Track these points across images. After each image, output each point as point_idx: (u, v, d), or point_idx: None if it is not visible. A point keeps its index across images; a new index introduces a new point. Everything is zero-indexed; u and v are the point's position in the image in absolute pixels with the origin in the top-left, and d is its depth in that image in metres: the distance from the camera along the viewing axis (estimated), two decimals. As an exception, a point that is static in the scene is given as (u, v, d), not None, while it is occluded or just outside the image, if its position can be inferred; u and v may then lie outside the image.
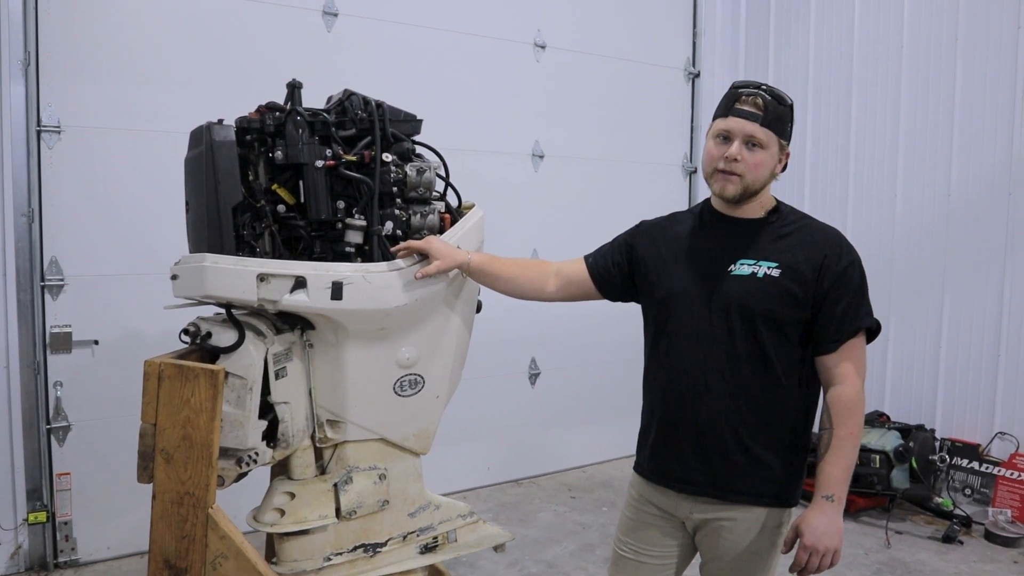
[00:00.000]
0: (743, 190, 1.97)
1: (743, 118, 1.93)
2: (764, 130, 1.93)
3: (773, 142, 1.95)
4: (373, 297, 2.23)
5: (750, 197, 2.00)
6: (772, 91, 1.96)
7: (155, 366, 2.10)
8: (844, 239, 2.00)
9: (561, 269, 2.31)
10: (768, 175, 1.99)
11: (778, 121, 1.95)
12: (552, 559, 3.96)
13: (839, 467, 1.91)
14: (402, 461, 2.55)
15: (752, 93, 1.94)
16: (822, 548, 1.86)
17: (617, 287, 2.24)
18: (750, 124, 1.93)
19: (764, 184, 1.99)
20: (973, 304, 4.58)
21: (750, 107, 1.93)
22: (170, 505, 2.13)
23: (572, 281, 2.29)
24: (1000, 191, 4.42)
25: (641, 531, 2.17)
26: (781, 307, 1.92)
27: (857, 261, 1.98)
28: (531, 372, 5.15)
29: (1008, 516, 4.27)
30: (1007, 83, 4.36)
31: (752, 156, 1.94)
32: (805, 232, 2.00)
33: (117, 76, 3.68)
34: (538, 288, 2.31)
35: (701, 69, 5.73)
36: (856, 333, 1.94)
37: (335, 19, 4.21)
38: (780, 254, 1.96)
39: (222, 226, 2.20)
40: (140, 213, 3.73)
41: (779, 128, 1.95)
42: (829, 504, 1.89)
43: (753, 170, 1.95)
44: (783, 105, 1.96)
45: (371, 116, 2.35)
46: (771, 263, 1.95)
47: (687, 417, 2.02)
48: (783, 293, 1.92)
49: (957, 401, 4.68)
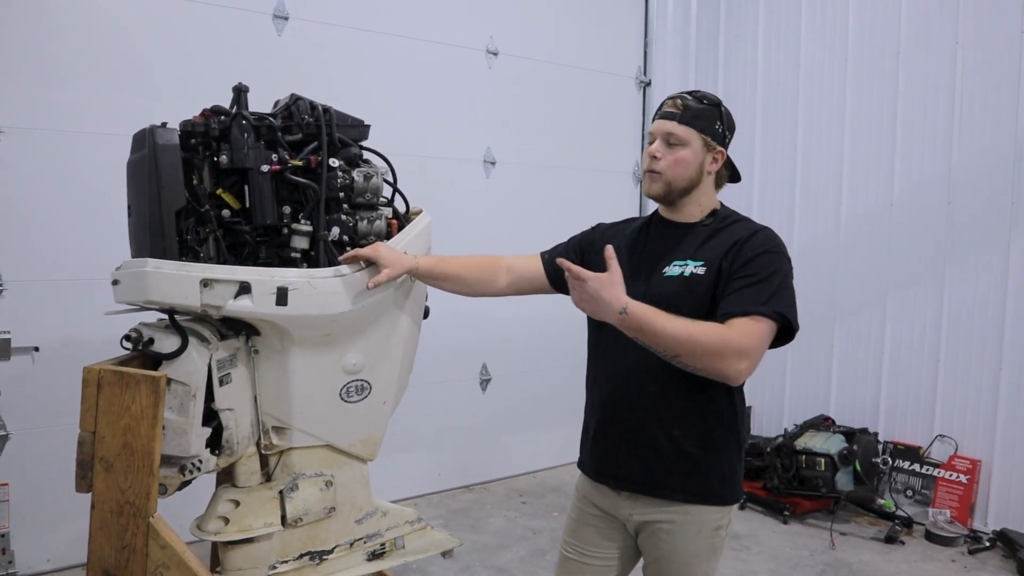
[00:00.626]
0: (666, 186, 2.03)
1: (663, 119, 2.03)
2: (682, 127, 1.99)
3: (694, 138, 2.00)
4: (319, 303, 2.21)
5: (679, 196, 2.04)
6: (695, 93, 2.04)
7: (94, 373, 2.06)
8: (771, 236, 1.98)
9: (513, 265, 2.32)
10: (693, 173, 2.02)
11: (698, 119, 2.00)
12: (503, 565, 3.97)
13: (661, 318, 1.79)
14: (349, 468, 2.53)
15: (675, 96, 2.03)
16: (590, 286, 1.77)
17: None
18: (669, 123, 2.01)
19: (690, 181, 2.03)
20: (914, 310, 4.71)
21: (670, 108, 2.03)
22: (110, 515, 2.08)
23: (525, 277, 2.31)
24: (940, 200, 4.55)
25: (584, 532, 2.20)
26: (706, 305, 1.93)
27: (778, 254, 1.93)
28: (482, 378, 5.15)
29: (947, 516, 4.39)
30: (946, 95, 4.50)
31: (672, 153, 2.00)
32: (734, 229, 2.01)
33: (56, 77, 3.60)
34: (487, 285, 2.32)
35: (652, 78, 5.80)
36: (750, 313, 1.83)
37: (285, 23, 4.17)
38: (707, 252, 1.99)
39: (165, 230, 2.17)
40: (80, 217, 3.65)
41: (700, 125, 2.00)
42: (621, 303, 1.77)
43: (673, 167, 2.01)
44: (704, 103, 2.01)
45: (318, 121, 2.33)
46: (698, 262, 1.98)
47: (621, 416, 2.06)
48: (707, 290, 1.94)
49: (899, 405, 4.81)
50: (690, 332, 1.78)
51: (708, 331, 1.80)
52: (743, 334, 1.81)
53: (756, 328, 1.83)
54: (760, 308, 1.83)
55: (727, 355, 1.79)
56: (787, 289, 1.90)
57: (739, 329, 1.81)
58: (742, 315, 1.83)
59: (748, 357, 1.81)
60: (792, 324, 1.87)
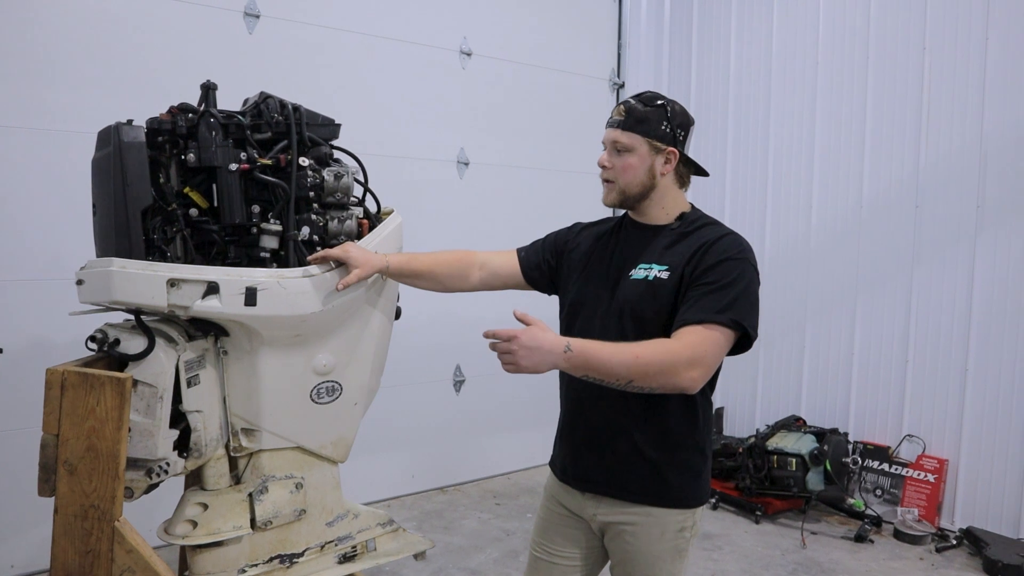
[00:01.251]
0: (620, 194, 2.04)
1: (609, 127, 2.04)
2: (626, 133, 1.99)
3: (639, 143, 1.99)
4: (288, 303, 2.19)
5: (637, 201, 2.04)
6: (642, 95, 2.04)
7: (57, 374, 2.02)
8: (736, 241, 1.95)
9: (488, 261, 2.31)
10: (644, 177, 2.01)
11: (642, 122, 1.98)
12: (476, 566, 3.95)
13: (607, 349, 1.77)
14: (319, 470, 2.51)
15: (621, 103, 2.05)
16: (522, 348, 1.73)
17: (544, 284, 2.29)
18: (614, 131, 2.02)
19: (643, 186, 2.02)
20: (883, 312, 4.76)
21: (615, 115, 2.03)
22: (73, 519, 2.04)
23: (499, 274, 2.30)
24: (908, 203, 4.61)
25: (551, 531, 2.19)
26: (669, 309, 1.93)
27: (742, 260, 1.91)
28: (456, 379, 5.14)
29: (915, 515, 4.44)
30: (914, 100, 4.56)
31: (620, 160, 2.01)
32: (700, 233, 2.00)
33: (22, 73, 3.54)
34: (460, 280, 2.31)
35: (626, 80, 5.83)
36: (707, 322, 1.81)
37: (257, 21, 4.13)
38: (672, 256, 1.98)
39: (130, 230, 2.14)
40: (45, 216, 3.59)
41: (644, 129, 1.98)
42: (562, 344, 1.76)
43: (622, 174, 2.01)
44: (648, 106, 2.00)
45: (287, 119, 2.31)
46: (662, 266, 1.97)
47: (583, 418, 2.08)
48: (669, 294, 1.93)
49: (868, 405, 4.86)
50: (636, 355, 1.76)
51: (655, 349, 1.79)
52: (694, 343, 1.80)
53: (709, 336, 1.81)
54: (716, 316, 1.82)
55: (678, 367, 1.77)
56: (748, 296, 1.88)
57: (689, 338, 1.80)
58: (697, 323, 1.82)
59: (700, 366, 1.79)
60: (749, 333, 1.86)
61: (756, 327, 1.88)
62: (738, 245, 1.94)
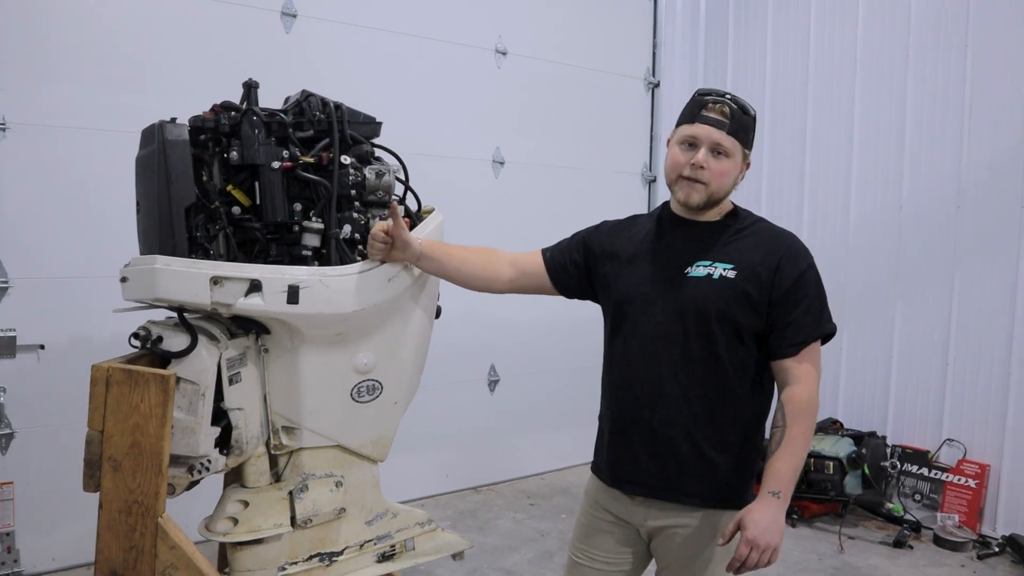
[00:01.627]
0: (708, 198, 1.97)
1: (710, 125, 1.93)
2: (730, 138, 1.93)
3: (738, 151, 1.96)
4: (330, 301, 2.19)
5: (715, 205, 2.01)
6: (737, 100, 1.96)
7: (103, 371, 2.04)
8: (800, 243, 2.00)
9: (516, 260, 2.26)
10: (731, 184, 1.99)
11: (743, 130, 1.95)
12: (511, 567, 3.94)
13: (788, 465, 1.88)
14: (359, 468, 2.51)
15: (718, 101, 1.94)
16: (763, 543, 1.81)
17: (572, 285, 2.21)
18: (717, 132, 1.92)
19: (727, 192, 2.01)
20: (923, 314, 4.68)
21: (717, 115, 1.93)
22: (118, 515, 2.06)
23: (526, 273, 2.24)
24: (949, 204, 4.52)
25: (595, 537, 2.16)
26: (736, 308, 1.92)
27: (813, 266, 1.97)
28: (490, 379, 5.13)
29: (956, 521, 4.36)
30: (956, 98, 4.47)
31: (717, 164, 1.94)
32: (761, 234, 2.00)
33: (66, 73, 3.58)
34: (490, 279, 2.24)
35: (661, 79, 5.78)
36: (817, 338, 1.94)
37: (294, 20, 4.15)
38: (736, 256, 1.96)
39: (174, 227, 2.15)
40: (88, 214, 3.63)
41: (743, 137, 1.96)
42: (775, 500, 1.86)
43: (718, 178, 1.95)
44: (747, 115, 1.97)
45: (329, 117, 2.31)
46: (727, 264, 1.95)
47: (641, 419, 2.01)
48: (738, 294, 1.92)
49: (907, 408, 4.77)
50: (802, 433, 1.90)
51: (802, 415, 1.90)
52: (815, 359, 1.95)
53: (815, 353, 1.96)
54: (815, 333, 1.95)
55: (817, 400, 1.95)
56: (825, 298, 1.99)
57: (811, 356, 1.94)
58: (812, 341, 1.94)
59: (818, 378, 1.96)
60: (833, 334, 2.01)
61: None
62: (805, 248, 2.01)
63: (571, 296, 2.25)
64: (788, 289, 1.92)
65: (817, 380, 1.94)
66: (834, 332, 1.99)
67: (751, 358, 1.97)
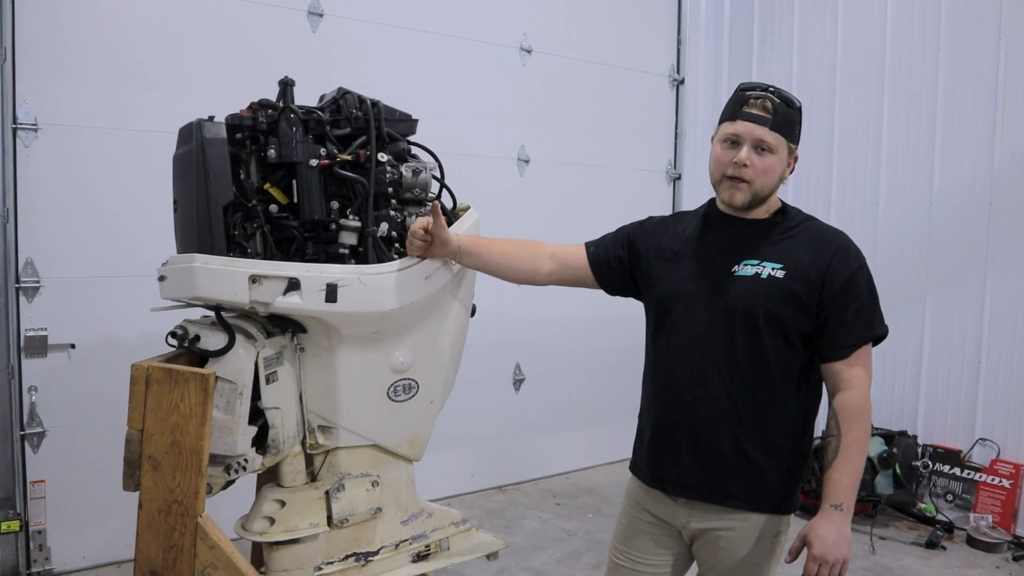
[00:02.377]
0: (752, 197, 1.93)
1: (752, 122, 1.89)
2: (773, 134, 1.88)
3: (782, 146, 1.91)
4: (368, 300, 2.18)
5: (762, 203, 1.97)
6: (780, 93, 1.92)
7: (143, 370, 2.03)
8: (851, 242, 1.96)
9: (557, 252, 2.23)
10: (777, 180, 1.94)
11: (787, 124, 1.91)
12: (539, 566, 3.92)
13: (847, 475, 1.86)
14: (395, 468, 2.50)
15: (760, 96, 1.90)
16: (832, 559, 1.80)
17: (614, 280, 2.18)
18: (759, 128, 1.88)
19: (773, 189, 1.96)
20: (955, 311, 4.61)
21: (759, 110, 1.88)
22: (157, 514, 2.05)
23: (568, 266, 2.21)
24: (981, 200, 4.46)
25: (636, 539, 2.13)
26: (784, 309, 1.88)
27: (865, 266, 1.93)
28: (515, 378, 5.11)
29: (989, 522, 4.30)
30: (988, 92, 4.40)
31: (761, 161, 1.89)
32: (811, 233, 1.96)
33: (96, 73, 3.59)
34: (532, 271, 2.22)
35: (685, 76, 5.74)
36: (869, 340, 1.91)
37: (320, 19, 4.15)
38: (785, 255, 1.92)
39: (212, 226, 2.14)
40: (118, 214, 3.64)
41: (788, 132, 1.91)
42: (838, 513, 1.83)
43: (762, 175, 1.90)
44: (792, 108, 1.92)
45: (366, 115, 2.30)
46: (775, 264, 1.91)
47: (684, 419, 1.98)
48: (787, 295, 1.88)
49: (939, 407, 4.71)
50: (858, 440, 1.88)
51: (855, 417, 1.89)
52: (866, 362, 1.92)
53: (867, 355, 1.93)
54: (867, 335, 1.92)
55: (870, 404, 1.93)
56: (878, 299, 1.96)
57: (862, 359, 1.91)
58: (864, 344, 1.91)
59: (870, 384, 1.94)
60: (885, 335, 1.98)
61: None
62: (856, 247, 1.97)
63: (613, 292, 2.22)
64: (839, 290, 1.88)
65: (869, 384, 1.91)
66: (886, 334, 1.96)
67: (797, 360, 1.93)
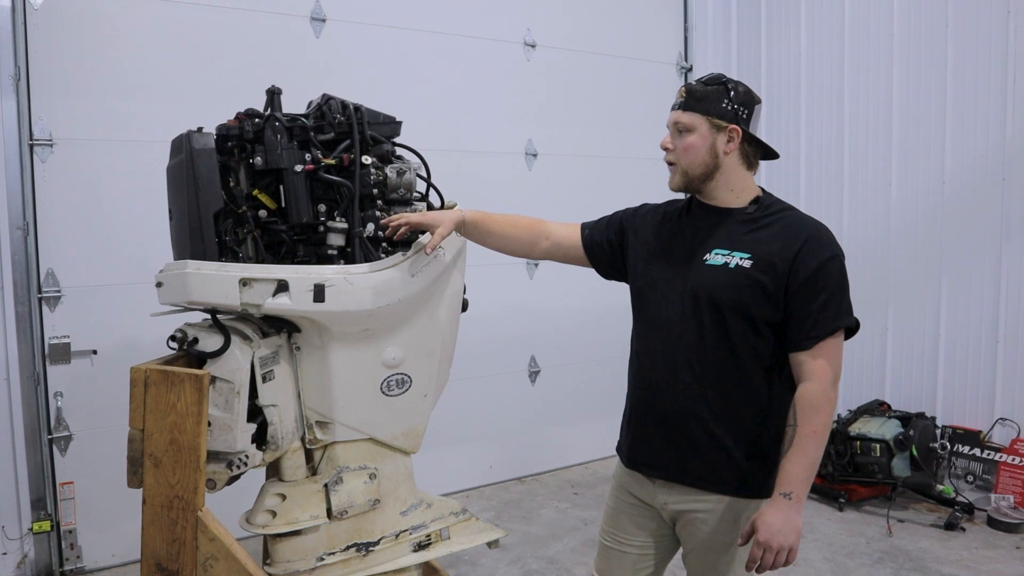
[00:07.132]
0: (683, 176, 2.02)
1: (672, 111, 2.03)
2: (687, 114, 1.98)
3: (699, 121, 1.97)
4: (355, 298, 2.25)
5: (702, 183, 2.01)
6: (705, 76, 2.03)
7: (141, 372, 2.13)
8: (825, 233, 1.96)
9: (554, 232, 2.30)
10: (707, 157, 1.98)
11: (702, 101, 1.97)
12: (554, 555, 3.98)
13: (800, 465, 1.87)
14: (392, 460, 2.57)
15: (683, 86, 2.05)
16: (775, 545, 1.82)
17: (605, 263, 2.26)
18: (675, 113, 2.02)
19: (706, 167, 1.99)
20: (971, 291, 4.57)
21: (676, 98, 2.02)
22: (160, 509, 2.16)
23: (562, 246, 2.29)
24: (994, 177, 4.41)
25: (621, 520, 2.19)
26: (750, 297, 1.91)
27: (838, 256, 1.93)
28: (531, 370, 5.16)
29: (1010, 502, 4.26)
30: (998, 69, 4.35)
31: (680, 141, 2.00)
32: (784, 223, 1.97)
33: (106, 88, 3.72)
34: (528, 247, 2.30)
35: (694, 63, 5.73)
36: (835, 332, 1.90)
37: (323, 24, 4.23)
38: (754, 245, 1.94)
39: (204, 233, 2.23)
40: (133, 223, 3.76)
41: (705, 107, 1.96)
42: (786, 502, 1.85)
43: (684, 155, 1.99)
44: (709, 85, 1.98)
45: (349, 119, 2.37)
46: (744, 254, 1.94)
47: (656, 404, 2.05)
48: (752, 284, 1.90)
49: (957, 388, 4.67)
50: (815, 432, 1.87)
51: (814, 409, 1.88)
52: (832, 354, 1.91)
53: (839, 340, 1.93)
54: (835, 324, 1.90)
55: (831, 396, 1.91)
56: (847, 291, 1.94)
57: (827, 351, 1.90)
58: (828, 336, 1.90)
59: (837, 378, 1.93)
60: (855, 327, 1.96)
61: None
62: (829, 238, 1.96)
63: (605, 274, 2.29)
64: (805, 280, 1.89)
65: (832, 377, 1.91)
66: (855, 327, 1.95)
67: (768, 348, 1.95)
